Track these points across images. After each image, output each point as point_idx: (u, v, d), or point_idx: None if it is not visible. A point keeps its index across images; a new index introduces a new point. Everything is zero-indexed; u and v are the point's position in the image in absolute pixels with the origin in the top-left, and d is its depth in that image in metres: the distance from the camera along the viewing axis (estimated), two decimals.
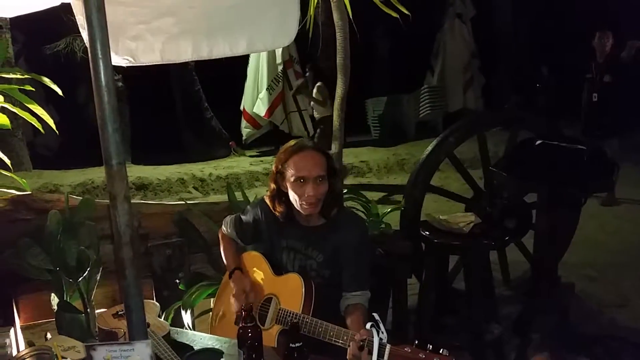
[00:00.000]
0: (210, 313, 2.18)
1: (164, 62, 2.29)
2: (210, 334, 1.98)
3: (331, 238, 1.90)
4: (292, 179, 1.83)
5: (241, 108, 8.59)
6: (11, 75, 2.50)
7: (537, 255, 3.13)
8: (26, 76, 2.50)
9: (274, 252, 2.00)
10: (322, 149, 1.89)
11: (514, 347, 2.88)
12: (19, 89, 2.48)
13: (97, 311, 2.18)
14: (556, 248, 3.07)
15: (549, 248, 2.94)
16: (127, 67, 2.27)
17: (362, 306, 1.83)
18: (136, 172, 7.41)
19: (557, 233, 2.92)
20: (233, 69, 8.34)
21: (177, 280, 2.59)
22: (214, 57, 2.27)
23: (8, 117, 2.52)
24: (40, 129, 2.56)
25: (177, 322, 2.46)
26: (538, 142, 2.84)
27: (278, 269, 1.96)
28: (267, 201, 1.98)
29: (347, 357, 1.53)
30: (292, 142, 1.92)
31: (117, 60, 2.13)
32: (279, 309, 1.82)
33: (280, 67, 8.15)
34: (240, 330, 1.55)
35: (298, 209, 1.87)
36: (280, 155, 1.89)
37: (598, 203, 5.47)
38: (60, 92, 2.54)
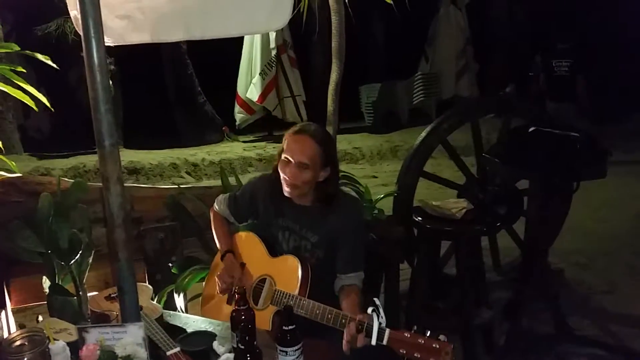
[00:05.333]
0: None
1: (154, 42, 2.26)
2: (201, 315, 1.98)
3: (327, 220, 1.91)
4: (281, 157, 1.88)
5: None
6: (3, 50, 2.47)
7: (528, 241, 3.16)
8: (22, 51, 2.45)
9: (269, 231, 2.00)
10: (321, 139, 1.86)
11: (503, 331, 2.92)
12: (10, 69, 2.45)
13: (89, 294, 2.18)
14: (547, 234, 3.09)
15: (540, 234, 2.96)
16: (120, 50, 2.24)
17: (357, 287, 1.85)
18: (128, 156, 7.36)
19: (548, 220, 2.94)
20: (227, 54, 8.30)
21: (170, 264, 2.59)
22: (206, 38, 2.24)
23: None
24: (34, 106, 2.52)
25: (170, 306, 2.47)
26: (531, 129, 2.85)
27: (273, 250, 1.97)
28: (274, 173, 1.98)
29: (345, 338, 1.54)
30: (303, 124, 1.96)
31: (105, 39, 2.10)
32: (275, 290, 1.83)
33: (274, 52, 8.08)
34: (234, 313, 1.56)
35: None
36: (286, 132, 1.93)
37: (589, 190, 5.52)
38: (55, 65, 2.50)
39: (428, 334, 1.40)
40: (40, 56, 2.47)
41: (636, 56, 8.31)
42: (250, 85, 8.11)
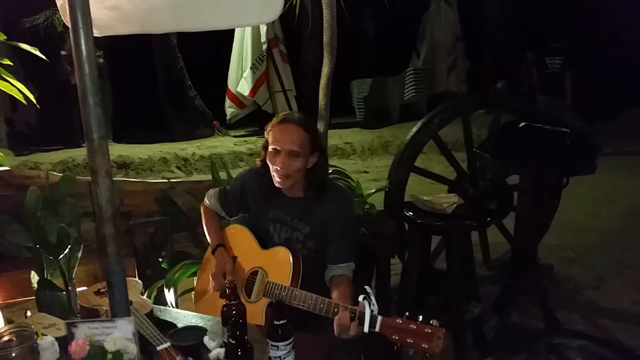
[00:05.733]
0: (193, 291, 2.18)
1: (143, 33, 2.24)
2: (194, 310, 1.97)
3: (318, 210, 1.90)
4: (269, 149, 1.86)
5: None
6: None
7: (518, 236, 3.17)
8: (9, 42, 2.41)
9: (260, 224, 2.00)
10: (306, 125, 1.87)
11: (493, 325, 2.94)
12: None
13: (78, 289, 2.16)
14: (536, 230, 3.11)
15: (529, 229, 2.98)
16: (109, 43, 2.22)
17: (347, 277, 1.85)
18: (118, 150, 7.30)
19: (538, 215, 2.96)
20: (218, 48, 8.24)
21: (160, 259, 2.57)
22: (196, 30, 2.22)
23: None
24: (22, 100, 2.48)
25: (160, 301, 2.45)
26: (522, 124, 2.86)
27: (264, 242, 1.96)
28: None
29: (336, 322, 1.54)
30: (285, 113, 1.96)
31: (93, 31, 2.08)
32: (267, 282, 1.82)
33: (264, 46, 8.04)
34: (225, 308, 1.55)
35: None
36: (269, 124, 1.92)
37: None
38: (44, 57, 2.46)
39: (420, 320, 1.40)
40: (27, 47, 2.43)
41: (627, 54, 8.42)
42: (241, 80, 8.07)
